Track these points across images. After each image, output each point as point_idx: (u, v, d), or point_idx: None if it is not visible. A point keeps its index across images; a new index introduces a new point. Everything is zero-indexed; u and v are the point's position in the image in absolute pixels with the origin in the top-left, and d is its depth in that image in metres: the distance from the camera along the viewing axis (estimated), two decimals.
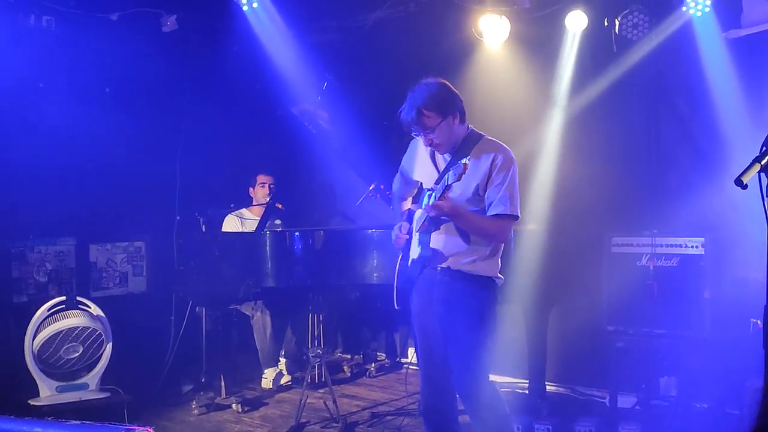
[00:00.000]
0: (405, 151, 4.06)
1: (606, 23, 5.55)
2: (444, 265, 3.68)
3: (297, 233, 5.52)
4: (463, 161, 3.26)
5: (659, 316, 4.92)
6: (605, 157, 5.64)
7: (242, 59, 6.54)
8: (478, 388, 3.71)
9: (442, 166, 3.75)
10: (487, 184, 3.57)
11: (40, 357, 5.10)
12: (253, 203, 6.53)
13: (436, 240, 3.69)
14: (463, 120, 3.67)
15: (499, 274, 3.72)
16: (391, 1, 6.30)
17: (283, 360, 6.49)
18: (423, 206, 3.64)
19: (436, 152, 3.77)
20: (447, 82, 3.68)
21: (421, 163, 3.85)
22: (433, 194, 3.58)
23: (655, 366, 5.26)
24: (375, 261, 5.35)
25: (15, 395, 5.13)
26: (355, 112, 6.13)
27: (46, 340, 5.07)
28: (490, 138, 3.70)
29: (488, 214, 3.58)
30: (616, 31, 5.46)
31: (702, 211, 5.09)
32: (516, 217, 3.59)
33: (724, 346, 4.69)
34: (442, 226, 3.67)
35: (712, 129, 5.27)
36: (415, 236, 3.80)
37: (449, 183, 3.36)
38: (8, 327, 5.61)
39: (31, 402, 5.03)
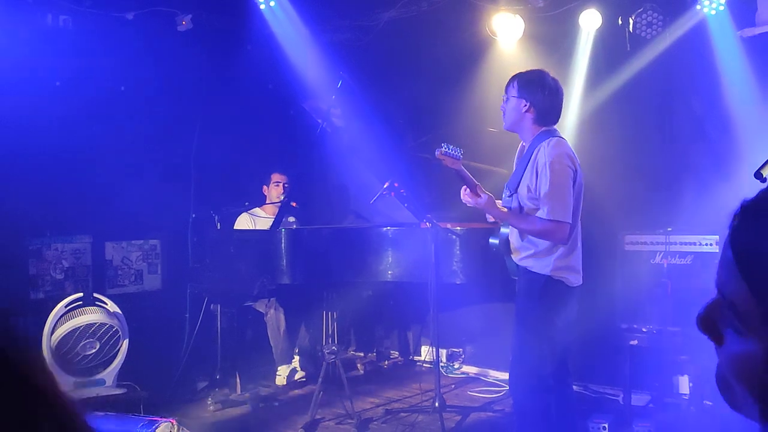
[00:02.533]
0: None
1: (620, 22, 5.57)
2: (514, 258, 3.83)
3: (312, 231, 5.55)
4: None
5: (673, 314, 4.92)
6: (618, 155, 5.64)
7: (257, 58, 6.58)
8: (517, 382, 3.84)
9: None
10: (536, 186, 3.64)
11: (57, 353, 5.14)
12: (266, 202, 6.56)
13: (509, 231, 3.86)
14: (538, 119, 3.76)
15: (560, 274, 3.69)
16: (404, 0, 6.33)
17: (296, 357, 6.52)
18: None
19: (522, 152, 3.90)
20: (551, 81, 3.79)
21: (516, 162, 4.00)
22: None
23: (669, 364, 5.27)
24: (390, 258, 5.38)
25: None
26: (369, 111, 6.15)
27: (63, 336, 5.12)
28: (554, 139, 3.72)
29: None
30: (630, 29, 5.47)
31: (716, 209, 5.07)
32: (559, 222, 3.57)
33: None
34: None
35: (726, 127, 5.27)
36: None
37: (475, 182, 3.61)
38: (26, 323, 5.66)
39: None
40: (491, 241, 3.94)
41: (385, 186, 5.34)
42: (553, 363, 3.78)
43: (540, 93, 3.75)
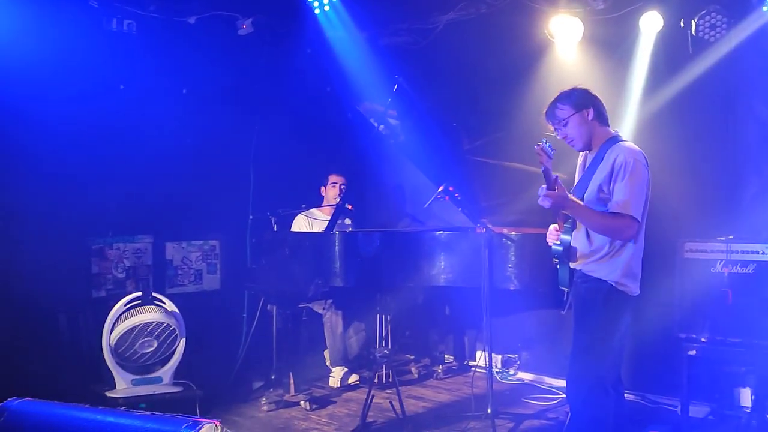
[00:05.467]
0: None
1: (682, 24, 5.44)
2: (574, 265, 3.82)
3: (365, 234, 5.57)
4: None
5: (734, 324, 4.79)
6: (678, 160, 5.50)
7: (315, 61, 6.63)
8: (576, 389, 3.81)
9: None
10: (610, 182, 3.65)
11: (116, 350, 5.26)
12: (323, 203, 6.61)
13: (573, 238, 3.82)
14: (602, 122, 3.84)
15: (624, 282, 3.68)
16: (462, 3, 6.31)
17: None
18: None
19: (586, 161, 3.92)
20: (587, 89, 3.87)
21: (578, 173, 4.02)
22: None
23: (730, 375, 5.14)
24: (443, 263, 5.35)
25: (93, 387, 5.32)
26: (425, 114, 6.14)
27: (122, 334, 5.23)
28: (624, 142, 3.79)
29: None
30: (693, 32, 5.34)
31: None
32: (631, 218, 3.59)
33: None
34: (577, 224, 3.80)
35: None
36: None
37: (556, 175, 3.53)
38: (87, 321, 5.82)
39: (108, 394, 5.19)
40: (554, 247, 3.88)
41: (439, 189, 5.33)
42: (612, 372, 3.79)
43: (592, 96, 3.84)
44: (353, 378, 6.36)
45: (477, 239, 5.16)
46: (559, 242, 3.86)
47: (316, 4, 6.11)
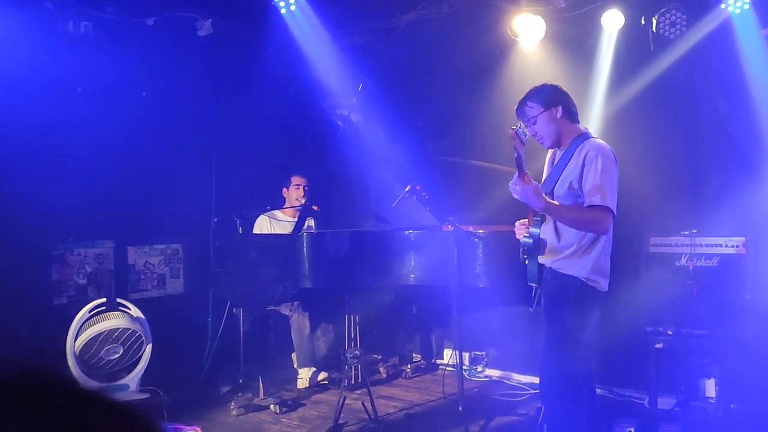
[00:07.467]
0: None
1: (643, 22, 5.52)
2: (543, 260, 3.83)
3: (333, 234, 5.54)
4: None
5: (699, 316, 4.86)
6: (643, 156, 5.57)
7: (277, 61, 6.58)
8: (550, 385, 3.86)
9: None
10: (581, 178, 3.67)
11: (81, 358, 5.16)
12: (285, 204, 6.56)
13: (542, 231, 3.83)
14: (571, 119, 3.85)
15: (594, 278, 3.70)
16: (424, 3, 6.30)
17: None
18: None
19: (555, 157, 3.93)
20: (557, 85, 3.87)
21: (547, 169, 4.02)
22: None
23: (695, 367, 5.21)
24: (412, 262, 5.36)
25: None
26: (389, 113, 6.13)
27: (87, 342, 5.13)
28: (594, 138, 3.81)
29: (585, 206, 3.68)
30: (654, 29, 5.42)
31: (742, 211, 5.03)
32: (606, 209, 3.60)
33: (765, 347, 4.63)
34: (546, 217, 3.80)
35: (752, 127, 5.21)
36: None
37: (526, 170, 3.56)
38: (50, 328, 5.69)
39: None
40: (523, 240, 3.89)
41: (406, 189, 5.32)
42: (584, 367, 3.82)
43: (561, 94, 3.85)
44: (322, 376, 6.30)
45: (446, 238, 5.17)
46: (528, 235, 3.86)
47: (282, 3, 6.05)
